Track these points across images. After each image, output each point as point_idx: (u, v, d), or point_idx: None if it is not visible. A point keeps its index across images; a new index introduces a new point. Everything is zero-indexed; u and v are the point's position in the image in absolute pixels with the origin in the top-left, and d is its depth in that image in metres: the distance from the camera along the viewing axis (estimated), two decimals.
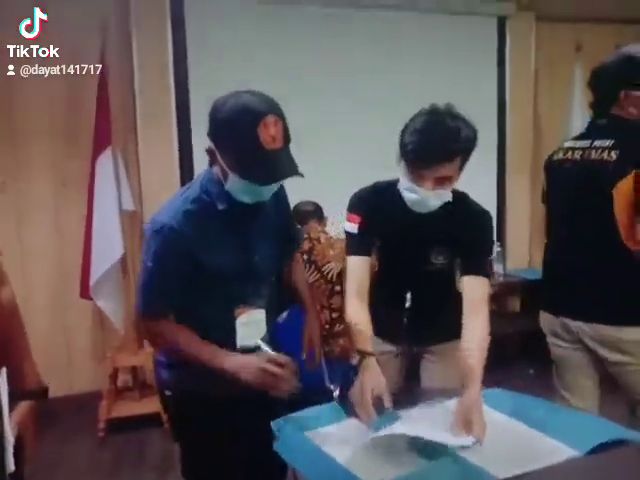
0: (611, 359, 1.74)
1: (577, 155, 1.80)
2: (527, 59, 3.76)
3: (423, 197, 1.42)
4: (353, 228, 1.55)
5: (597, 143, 1.75)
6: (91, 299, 3.03)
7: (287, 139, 1.23)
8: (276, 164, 1.21)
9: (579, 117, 3.54)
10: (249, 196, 1.30)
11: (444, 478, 1.05)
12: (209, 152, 1.30)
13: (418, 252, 1.57)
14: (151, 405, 3.07)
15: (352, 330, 1.47)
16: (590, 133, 1.81)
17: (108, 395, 3.05)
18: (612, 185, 1.66)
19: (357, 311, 1.50)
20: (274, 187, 1.31)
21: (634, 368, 1.72)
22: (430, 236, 1.55)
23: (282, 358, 1.26)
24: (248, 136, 1.17)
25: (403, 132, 1.42)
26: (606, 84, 1.77)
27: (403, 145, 1.40)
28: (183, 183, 3.23)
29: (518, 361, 3.60)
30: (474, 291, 1.50)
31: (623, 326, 1.70)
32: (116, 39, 3.12)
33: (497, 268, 3.67)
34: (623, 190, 1.65)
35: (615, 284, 1.72)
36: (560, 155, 1.87)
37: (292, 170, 1.24)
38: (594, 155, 1.74)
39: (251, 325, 1.41)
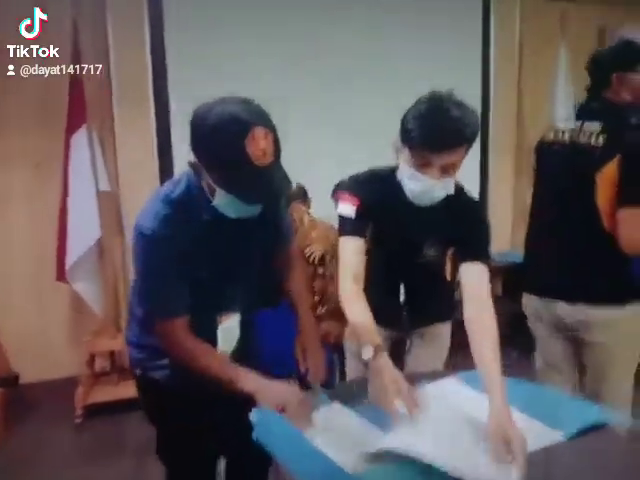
0: (588, 339, 1.76)
1: (566, 137, 1.79)
2: (512, 39, 3.73)
3: (428, 186, 1.36)
4: (350, 210, 1.45)
5: (586, 126, 1.73)
6: (68, 282, 2.95)
7: (278, 152, 1.14)
8: (267, 181, 1.12)
9: (563, 98, 3.52)
10: (237, 212, 1.22)
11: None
12: (193, 166, 1.20)
13: (412, 244, 1.53)
14: (129, 389, 2.94)
15: (353, 320, 1.36)
16: (581, 115, 1.78)
17: (85, 381, 2.99)
18: (596, 170, 1.66)
19: (355, 298, 1.39)
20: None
21: (608, 349, 1.74)
22: (426, 228, 1.51)
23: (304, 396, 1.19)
24: (235, 150, 1.07)
25: (405, 118, 1.35)
26: (600, 67, 1.75)
27: (406, 131, 1.34)
28: (161, 165, 3.15)
29: (501, 344, 3.62)
30: (477, 281, 1.42)
31: (600, 306, 1.72)
32: (90, 16, 2.99)
33: None
34: (607, 175, 1.65)
35: (595, 267, 1.74)
36: (551, 136, 1.86)
37: (284, 187, 1.17)
38: (582, 139, 1.73)
39: (232, 330, 1.40)
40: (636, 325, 1.73)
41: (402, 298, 1.62)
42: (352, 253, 1.44)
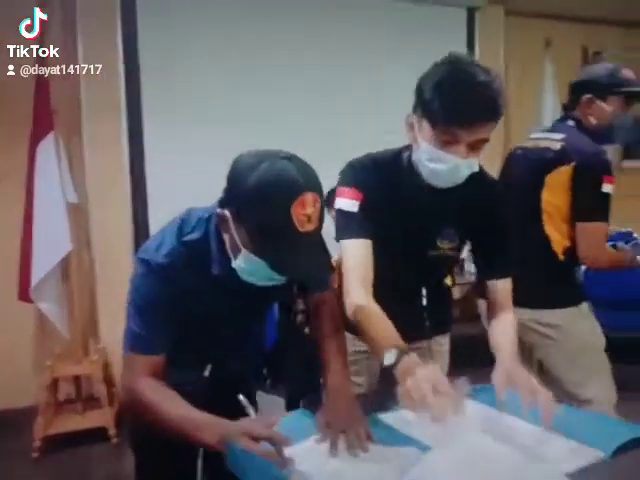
0: (538, 343, 1.85)
1: (529, 144, 1.91)
2: (496, 52, 3.68)
3: (453, 167, 1.18)
4: (353, 205, 1.28)
5: (550, 135, 1.85)
6: (31, 302, 2.72)
7: (321, 221, 1.02)
8: (306, 251, 1.00)
9: (550, 112, 3.47)
10: (260, 280, 1.07)
11: None
12: (220, 218, 1.06)
13: (424, 235, 1.35)
14: (96, 418, 2.79)
15: (375, 331, 1.17)
16: (550, 129, 1.90)
17: (46, 409, 2.72)
18: (548, 172, 1.76)
19: (370, 307, 1.22)
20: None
21: (555, 349, 1.83)
22: (439, 215, 1.33)
23: (267, 434, 0.95)
24: (279, 213, 0.96)
25: (421, 88, 1.17)
26: (575, 87, 1.86)
27: (426, 103, 1.15)
28: (133, 176, 2.97)
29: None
30: (499, 295, 1.36)
31: (544, 309, 1.81)
32: (61, 30, 2.85)
33: (468, 267, 3.53)
34: (557, 180, 1.75)
35: (536, 269, 1.81)
36: (518, 145, 1.99)
37: (323, 264, 1.09)
38: (541, 144, 1.84)
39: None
40: (579, 325, 1.83)
41: (424, 301, 1.43)
42: (358, 257, 1.28)
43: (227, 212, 1.04)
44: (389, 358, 1.05)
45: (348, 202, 1.29)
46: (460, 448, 0.97)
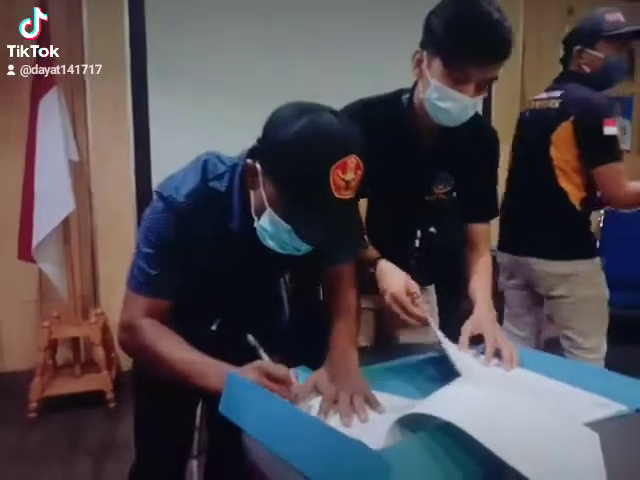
0: (549, 294, 1.95)
1: (536, 105, 2.00)
2: (516, 20, 3.54)
3: (463, 105, 1.16)
4: None
5: (552, 94, 1.94)
6: (32, 261, 2.64)
7: (359, 190, 0.93)
8: (337, 221, 0.91)
9: None
10: (281, 247, 0.98)
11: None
12: (250, 170, 0.97)
13: (421, 179, 1.33)
14: (93, 382, 2.74)
15: None
16: (552, 87, 1.99)
17: (43, 371, 2.66)
18: (552, 130, 1.86)
19: None
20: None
21: (568, 301, 1.91)
22: (437, 157, 1.31)
23: (280, 371, 0.91)
24: (316, 173, 0.86)
25: (431, 23, 1.14)
26: (566, 42, 1.98)
27: (438, 39, 1.12)
28: (137, 135, 2.87)
29: None
30: (481, 238, 1.41)
31: (558, 260, 1.90)
32: None
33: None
34: (561, 135, 1.85)
35: (553, 222, 1.91)
36: (524, 107, 2.13)
37: (352, 234, 1.03)
38: (545, 104, 1.95)
39: None
40: (593, 278, 1.92)
41: (417, 243, 1.44)
42: None
43: (257, 165, 0.94)
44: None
45: None
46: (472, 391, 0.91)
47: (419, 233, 1.44)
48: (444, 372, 1.08)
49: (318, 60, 3.12)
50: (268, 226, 0.95)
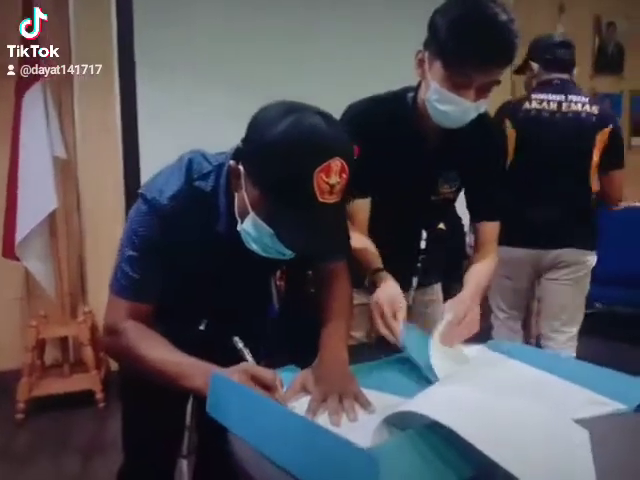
0: (549, 276, 2.16)
1: (553, 106, 2.09)
2: None
3: (464, 109, 1.13)
4: None
5: (571, 97, 2.08)
6: (16, 259, 2.60)
7: (344, 195, 0.89)
8: (320, 225, 0.87)
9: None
10: (265, 250, 0.95)
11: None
12: (233, 172, 0.94)
13: (426, 179, 1.31)
14: (82, 382, 2.71)
15: (359, 254, 1.26)
16: (561, 88, 2.10)
17: (30, 371, 2.63)
18: (595, 134, 2.06)
19: (360, 239, 1.28)
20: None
21: (577, 288, 2.15)
22: (443, 156, 1.28)
23: (267, 375, 0.88)
24: (300, 176, 0.83)
25: (435, 24, 1.11)
26: (570, 45, 2.21)
27: (441, 41, 1.09)
28: (125, 130, 2.83)
29: None
30: (488, 237, 1.38)
31: (587, 250, 2.13)
32: None
33: (470, 240, 3.45)
34: (600, 140, 2.07)
35: (587, 217, 2.16)
36: (534, 104, 2.09)
37: (336, 239, 1.01)
38: (574, 107, 2.08)
39: None
40: (590, 266, 2.17)
41: (423, 244, 1.41)
42: (357, 212, 1.30)
43: (240, 166, 0.92)
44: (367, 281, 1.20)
45: None
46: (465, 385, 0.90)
47: (424, 234, 1.41)
48: (436, 370, 1.07)
49: (311, 51, 3.08)
50: (251, 230, 0.92)
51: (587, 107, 2.07)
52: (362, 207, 1.32)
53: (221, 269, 1.05)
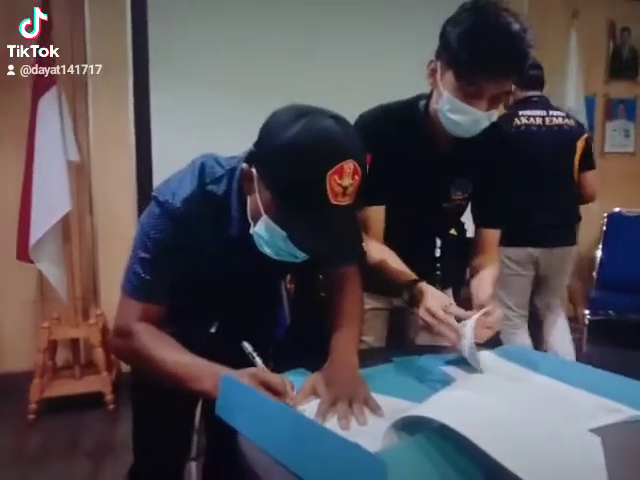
0: (561, 272, 2.61)
1: (538, 121, 2.46)
2: None
3: (476, 119, 1.13)
4: None
5: (552, 112, 2.49)
6: (30, 261, 2.62)
7: (357, 196, 0.89)
8: (333, 227, 0.87)
9: (573, 91, 3.33)
10: (277, 253, 0.95)
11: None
12: (245, 175, 0.95)
13: (439, 185, 1.31)
14: (93, 384, 2.72)
15: (386, 267, 1.27)
16: (541, 104, 2.51)
17: (42, 372, 2.65)
18: (575, 142, 2.50)
19: (380, 249, 1.30)
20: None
21: (562, 275, 2.64)
22: (455, 164, 1.29)
23: (277, 381, 0.89)
24: (312, 178, 0.83)
25: (447, 34, 1.10)
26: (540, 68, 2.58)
27: (453, 51, 1.09)
28: (138, 136, 2.86)
29: None
30: (491, 243, 1.41)
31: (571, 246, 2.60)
32: None
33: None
34: (579, 147, 2.51)
35: (574, 218, 2.62)
36: (523, 120, 2.45)
37: (350, 242, 1.00)
38: (556, 121, 2.47)
39: None
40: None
41: (437, 253, 1.42)
42: (372, 220, 1.32)
43: (253, 170, 0.92)
44: (405, 294, 1.18)
45: None
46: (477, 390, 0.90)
47: (439, 242, 1.41)
48: (448, 374, 1.07)
49: (319, 59, 3.10)
50: (264, 233, 0.93)
51: (566, 120, 2.47)
52: (377, 215, 1.32)
53: (233, 272, 1.05)
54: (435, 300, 1.11)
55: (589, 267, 3.74)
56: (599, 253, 3.65)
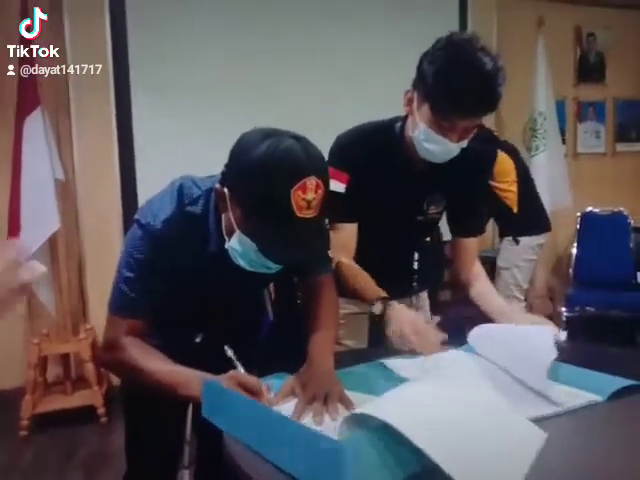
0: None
1: None
2: (489, 33, 3.60)
3: (449, 149, 1.22)
4: (339, 187, 1.32)
5: None
6: None
7: (323, 208, 0.96)
8: (300, 238, 0.95)
9: (543, 95, 3.45)
10: (251, 265, 1.03)
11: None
12: (218, 194, 1.02)
13: (413, 202, 1.39)
14: (84, 398, 2.76)
15: (354, 281, 1.34)
16: None
17: (33, 388, 2.69)
18: None
19: (350, 264, 1.36)
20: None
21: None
22: (428, 183, 1.37)
23: (253, 381, 0.97)
24: (278, 195, 0.90)
25: (424, 69, 1.17)
26: None
27: (429, 88, 1.16)
28: (121, 154, 2.91)
29: None
30: (472, 251, 1.48)
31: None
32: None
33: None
34: None
35: None
36: None
37: (316, 251, 1.06)
38: None
39: None
40: None
41: (415, 265, 1.51)
42: (345, 238, 1.38)
43: (225, 189, 1.00)
44: (377, 308, 1.22)
45: (333, 183, 1.29)
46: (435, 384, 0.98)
47: (417, 255, 1.49)
48: (412, 373, 1.14)
49: (306, 75, 3.19)
50: (237, 246, 1.00)
51: None
52: (350, 231, 1.39)
53: (214, 286, 1.13)
54: (407, 319, 1.18)
55: (567, 266, 3.87)
56: (574, 252, 3.77)
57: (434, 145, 1.21)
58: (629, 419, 0.98)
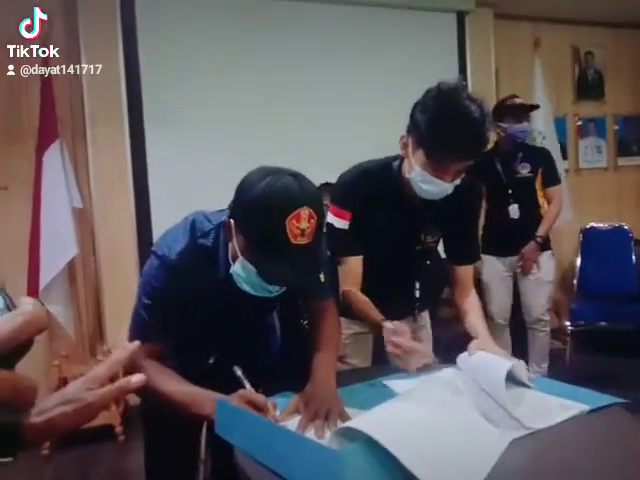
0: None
1: None
2: (487, 55, 3.74)
3: (443, 188, 1.34)
4: (343, 224, 1.46)
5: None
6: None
7: (317, 237, 1.07)
8: (296, 263, 1.05)
9: (541, 111, 3.53)
10: (254, 288, 1.14)
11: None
12: (225, 227, 1.15)
13: (411, 234, 1.51)
14: (103, 417, 2.84)
15: (363, 308, 1.45)
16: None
17: None
18: None
19: (355, 291, 1.49)
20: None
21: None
22: (425, 216, 1.49)
23: (260, 399, 1.09)
24: (274, 224, 1.02)
25: (416, 118, 1.29)
26: None
27: (422, 135, 1.28)
28: (135, 179, 3.05)
29: None
30: (467, 277, 1.58)
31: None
32: (62, 32, 2.94)
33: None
34: None
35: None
36: None
37: (312, 275, 1.16)
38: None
39: None
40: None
41: (417, 294, 1.62)
42: (351, 270, 1.50)
43: (231, 221, 1.11)
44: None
45: (338, 221, 1.45)
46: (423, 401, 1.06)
47: (417, 284, 1.60)
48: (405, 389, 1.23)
49: (315, 109, 3.31)
50: (240, 271, 1.12)
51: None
52: (356, 264, 1.51)
53: (225, 311, 1.23)
54: (388, 343, 1.28)
55: (571, 280, 3.91)
56: (577, 267, 3.82)
57: (430, 185, 1.33)
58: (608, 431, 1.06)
